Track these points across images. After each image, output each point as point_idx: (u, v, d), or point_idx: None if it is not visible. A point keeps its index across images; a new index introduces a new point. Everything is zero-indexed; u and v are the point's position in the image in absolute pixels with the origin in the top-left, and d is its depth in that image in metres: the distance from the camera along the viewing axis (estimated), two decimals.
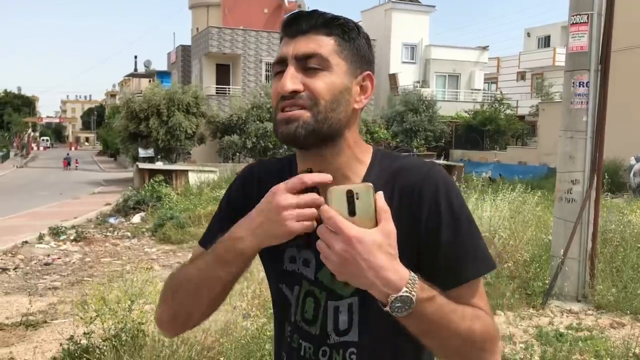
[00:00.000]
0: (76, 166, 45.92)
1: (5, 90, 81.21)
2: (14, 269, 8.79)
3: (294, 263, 1.20)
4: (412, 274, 0.95)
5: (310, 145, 1.10)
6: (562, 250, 5.61)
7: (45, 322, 5.72)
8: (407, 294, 0.92)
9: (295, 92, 1.08)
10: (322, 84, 1.08)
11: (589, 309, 5.46)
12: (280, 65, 1.12)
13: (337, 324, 1.14)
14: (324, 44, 1.09)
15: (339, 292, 1.13)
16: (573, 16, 5.65)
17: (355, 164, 1.15)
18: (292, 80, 1.07)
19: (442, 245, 1.07)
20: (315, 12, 1.12)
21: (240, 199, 1.23)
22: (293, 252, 1.19)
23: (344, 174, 1.13)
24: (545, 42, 40.68)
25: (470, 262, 1.07)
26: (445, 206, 1.08)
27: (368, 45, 1.17)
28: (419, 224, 1.08)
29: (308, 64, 1.08)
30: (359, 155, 1.16)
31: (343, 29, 1.11)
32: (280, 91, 1.08)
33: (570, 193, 5.68)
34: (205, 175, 18.61)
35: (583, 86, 5.58)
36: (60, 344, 4.07)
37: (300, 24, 1.11)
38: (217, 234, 1.15)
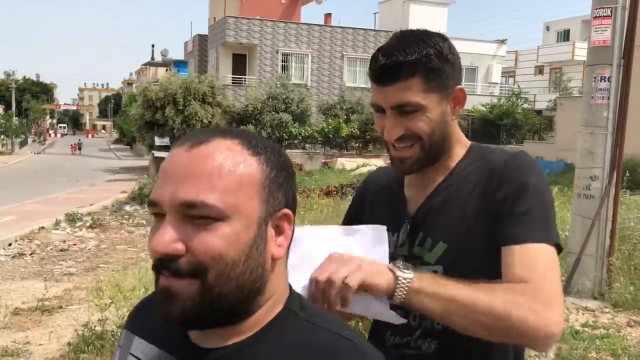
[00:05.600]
0: (79, 152, 47.11)
1: (24, 77, 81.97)
2: (31, 254, 8.89)
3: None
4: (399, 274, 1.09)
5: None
6: (579, 247, 5.55)
7: (61, 307, 5.77)
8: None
9: (400, 137, 1.23)
10: (421, 124, 1.22)
11: (606, 307, 5.40)
12: (377, 108, 1.25)
13: None
14: (412, 89, 1.19)
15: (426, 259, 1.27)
16: (596, 9, 5.54)
17: (453, 154, 1.32)
18: (394, 129, 1.22)
19: (505, 214, 1.18)
20: (397, 58, 1.17)
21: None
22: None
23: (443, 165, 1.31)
24: (565, 36, 40.21)
25: (520, 227, 1.14)
26: (513, 180, 1.21)
27: (454, 58, 1.24)
28: (494, 197, 1.21)
29: (404, 109, 1.21)
30: (457, 148, 1.32)
31: (427, 67, 1.19)
32: (387, 140, 1.25)
33: (589, 189, 5.60)
34: None
35: (605, 81, 5.48)
36: (75, 330, 4.10)
37: (386, 76, 1.20)
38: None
